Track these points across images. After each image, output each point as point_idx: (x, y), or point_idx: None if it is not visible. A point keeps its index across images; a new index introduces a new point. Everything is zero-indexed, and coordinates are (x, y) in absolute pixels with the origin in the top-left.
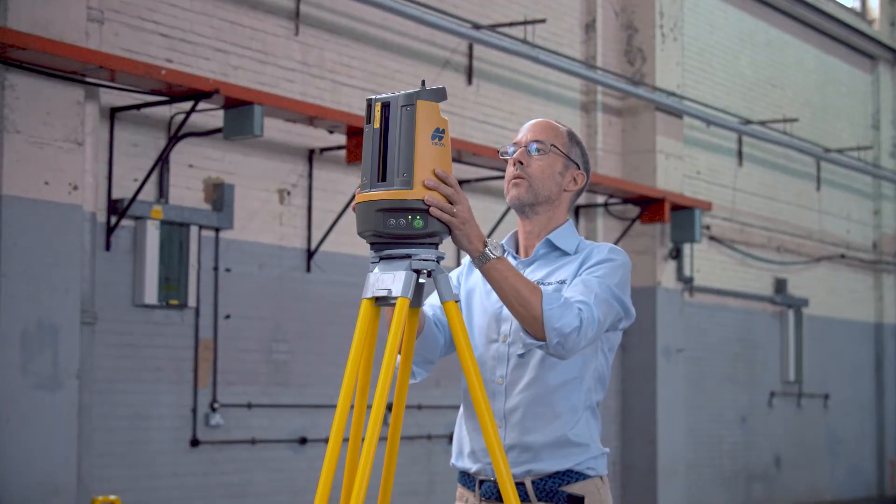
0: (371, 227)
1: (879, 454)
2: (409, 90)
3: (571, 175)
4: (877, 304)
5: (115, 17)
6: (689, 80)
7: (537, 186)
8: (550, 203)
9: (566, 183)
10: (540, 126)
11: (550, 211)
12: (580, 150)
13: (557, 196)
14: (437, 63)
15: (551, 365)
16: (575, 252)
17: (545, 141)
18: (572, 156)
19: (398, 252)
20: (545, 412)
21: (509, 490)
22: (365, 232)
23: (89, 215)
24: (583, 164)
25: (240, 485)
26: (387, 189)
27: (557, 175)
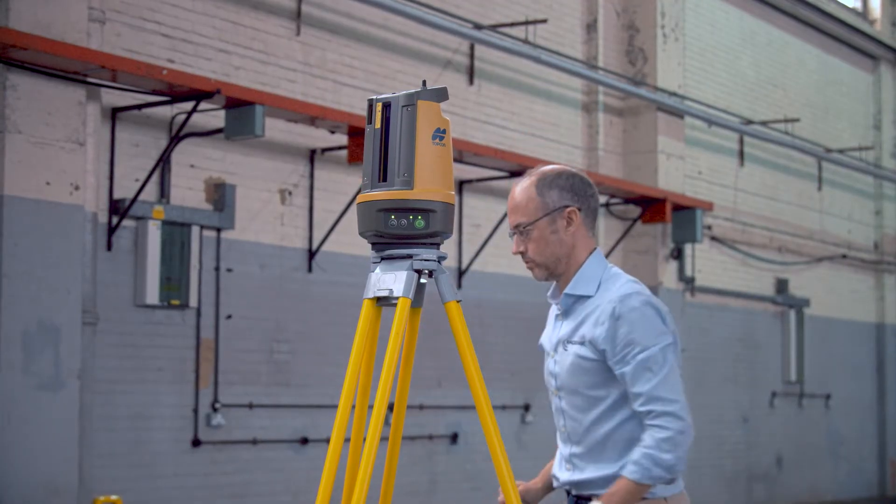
0: (372, 227)
1: (880, 454)
2: (410, 90)
3: (564, 220)
4: (878, 305)
5: (117, 17)
6: (690, 80)
7: (543, 261)
8: (563, 258)
9: (563, 230)
10: (514, 205)
11: (569, 260)
12: (558, 188)
13: (563, 248)
14: (439, 63)
15: (598, 418)
16: (597, 291)
17: (522, 223)
18: (552, 206)
19: (399, 252)
20: (608, 456)
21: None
22: (366, 232)
23: (91, 215)
24: (571, 198)
25: (241, 485)
26: (388, 189)
27: (551, 235)
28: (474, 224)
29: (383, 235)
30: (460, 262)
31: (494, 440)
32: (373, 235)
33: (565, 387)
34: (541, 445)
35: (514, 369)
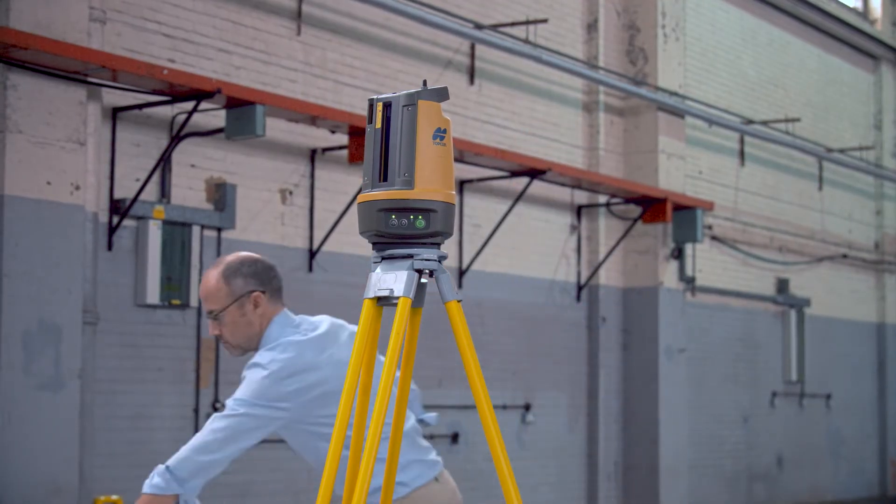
0: (373, 227)
1: (881, 454)
2: (411, 90)
3: (252, 303)
4: (879, 304)
5: (117, 16)
6: (691, 79)
7: (237, 341)
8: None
9: (251, 314)
10: (205, 294)
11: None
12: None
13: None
14: (439, 63)
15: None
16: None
17: (213, 310)
18: (238, 292)
19: (400, 252)
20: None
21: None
22: (367, 232)
23: (91, 215)
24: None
25: (241, 484)
26: (388, 189)
27: (241, 319)
28: (475, 224)
29: (384, 235)
30: (461, 261)
31: (495, 440)
32: (373, 235)
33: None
34: (541, 445)
35: (514, 369)
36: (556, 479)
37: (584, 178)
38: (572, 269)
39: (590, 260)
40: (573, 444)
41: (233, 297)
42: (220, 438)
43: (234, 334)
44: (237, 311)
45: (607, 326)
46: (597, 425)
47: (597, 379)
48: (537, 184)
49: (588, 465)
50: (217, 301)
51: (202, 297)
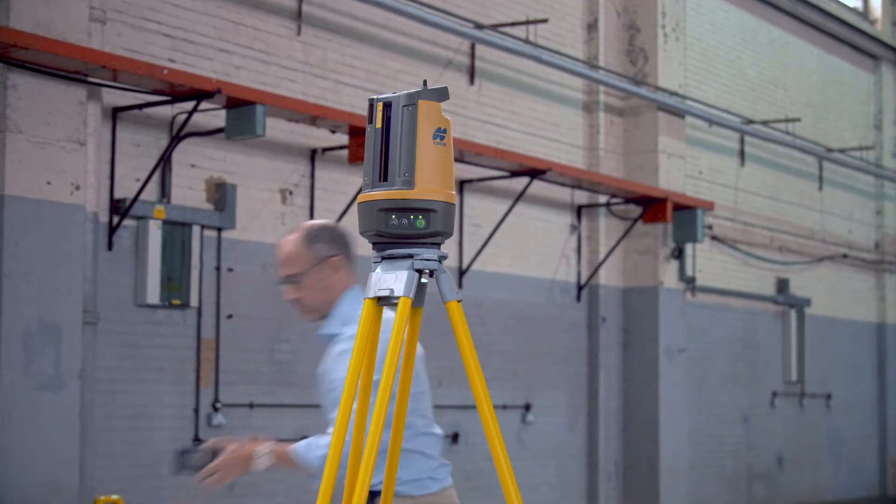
0: (373, 227)
1: (881, 454)
2: (411, 90)
3: (330, 267)
4: (879, 304)
5: (118, 16)
6: (691, 79)
7: (315, 306)
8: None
9: (329, 279)
10: (283, 258)
11: (332, 303)
12: (321, 241)
13: (330, 293)
14: (440, 63)
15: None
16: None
17: (293, 274)
18: (319, 256)
19: (400, 252)
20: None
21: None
22: (367, 232)
23: (91, 215)
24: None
25: (242, 484)
26: (388, 189)
27: (319, 283)
28: (475, 224)
29: (384, 235)
30: (461, 261)
31: (495, 440)
32: (373, 235)
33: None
34: (541, 445)
35: (514, 369)
36: (556, 479)
37: (585, 178)
38: (572, 269)
39: (590, 260)
40: (573, 444)
41: (314, 260)
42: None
43: (313, 298)
44: (317, 274)
45: (607, 326)
46: (597, 425)
47: (597, 379)
48: (537, 184)
49: (588, 465)
50: (297, 264)
51: (281, 261)
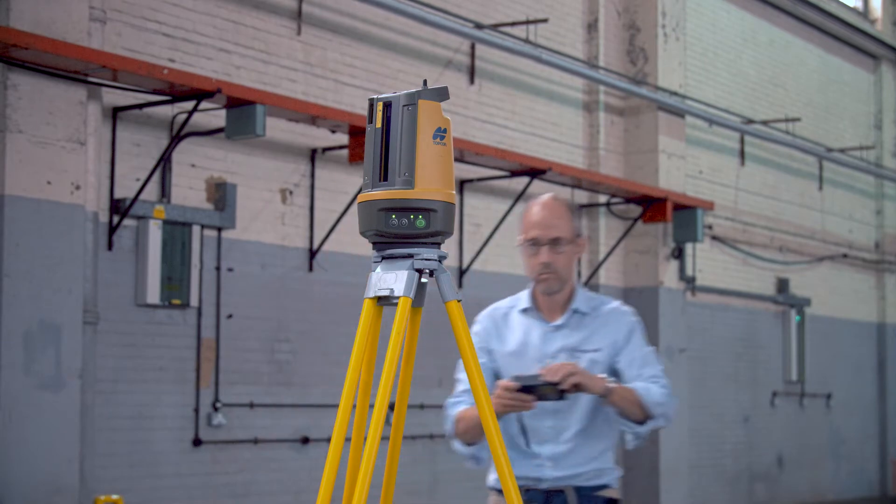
0: (373, 227)
1: (882, 454)
2: (411, 90)
3: (578, 246)
4: (879, 304)
5: (118, 16)
6: (691, 79)
7: (563, 275)
8: (570, 278)
9: (577, 256)
10: (553, 220)
11: (569, 282)
12: (579, 219)
13: (573, 269)
14: (440, 63)
15: (592, 415)
16: (591, 310)
17: (563, 238)
18: (578, 232)
19: (400, 252)
20: (591, 454)
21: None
22: (367, 231)
23: (91, 215)
24: (583, 230)
25: (242, 484)
26: (388, 188)
27: (573, 257)
28: (475, 223)
29: (384, 235)
30: (461, 261)
31: (495, 439)
32: (374, 235)
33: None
34: None
35: None
36: None
37: (585, 177)
38: None
39: (590, 259)
40: None
41: (575, 232)
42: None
43: (565, 268)
44: (573, 247)
45: None
46: None
47: None
48: (537, 183)
49: None
50: (565, 230)
51: (548, 222)
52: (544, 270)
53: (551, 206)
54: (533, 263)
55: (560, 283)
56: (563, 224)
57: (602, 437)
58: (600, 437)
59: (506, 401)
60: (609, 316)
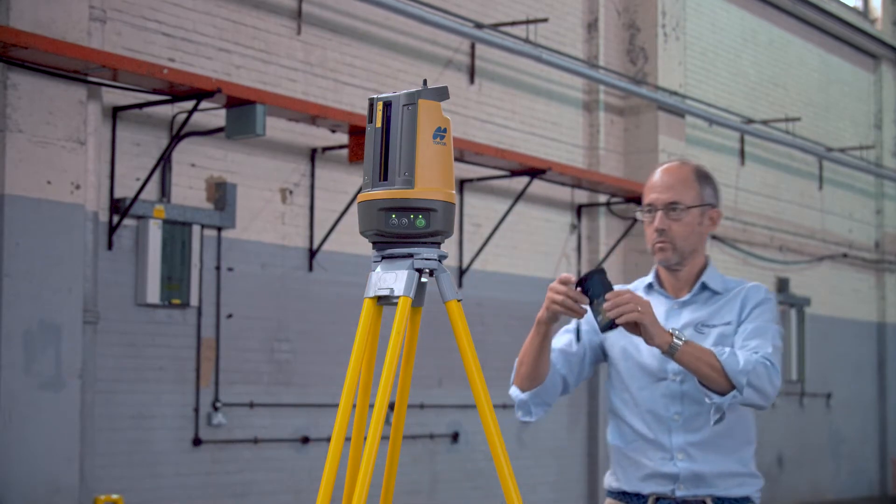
0: (373, 226)
1: (882, 454)
2: (411, 89)
3: (709, 218)
4: (879, 304)
5: (118, 16)
6: (691, 79)
7: (682, 247)
8: (694, 252)
9: (704, 228)
10: (672, 183)
11: (694, 257)
12: (711, 187)
13: (699, 243)
14: (440, 62)
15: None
16: (724, 290)
17: (679, 202)
18: (706, 200)
19: (400, 251)
20: (729, 445)
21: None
22: (367, 231)
23: (91, 215)
24: (717, 200)
25: (242, 484)
26: (388, 188)
27: (697, 227)
28: (475, 223)
29: (384, 234)
30: (461, 261)
31: (495, 439)
32: (373, 234)
33: None
34: (541, 445)
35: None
36: (557, 479)
37: (585, 177)
38: (573, 268)
39: (590, 259)
40: (573, 444)
41: (700, 200)
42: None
43: (685, 238)
44: (697, 216)
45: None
46: (597, 425)
47: (597, 378)
48: (537, 183)
49: (588, 464)
50: (686, 196)
51: (667, 184)
52: (659, 238)
53: (673, 169)
54: (649, 231)
55: (678, 255)
56: (683, 188)
57: (740, 430)
58: (738, 430)
59: (555, 295)
60: (741, 291)
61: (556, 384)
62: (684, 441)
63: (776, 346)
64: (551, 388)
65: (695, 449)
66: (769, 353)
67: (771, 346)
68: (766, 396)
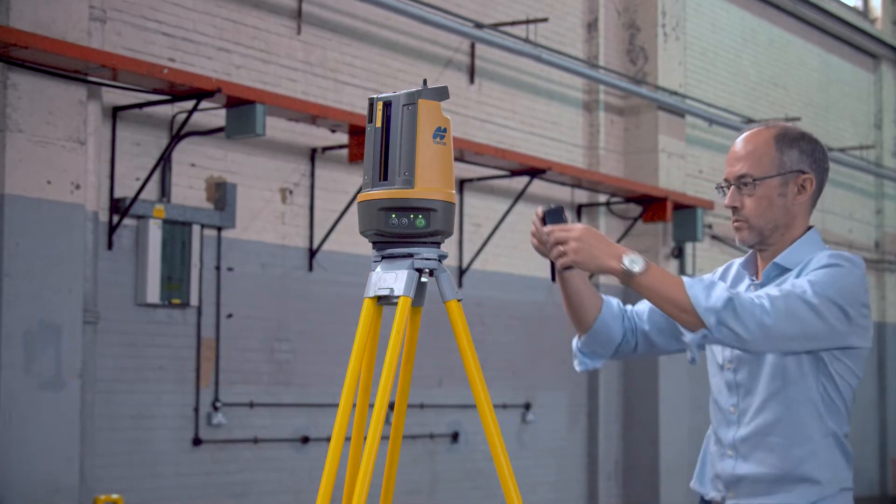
0: (373, 226)
1: (882, 453)
2: (411, 89)
3: (796, 186)
4: (879, 304)
5: (118, 16)
6: (691, 79)
7: (758, 224)
8: (781, 228)
9: (791, 199)
10: (742, 154)
11: (784, 233)
12: (799, 150)
13: (786, 216)
14: (440, 62)
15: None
16: (796, 264)
17: (748, 174)
18: (789, 166)
19: (400, 251)
20: (776, 443)
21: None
22: (367, 231)
23: (91, 214)
24: (809, 164)
25: (242, 484)
26: (388, 188)
27: (777, 199)
28: (475, 223)
29: (384, 234)
30: (461, 261)
31: (495, 439)
32: (373, 234)
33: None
34: (541, 445)
35: (514, 368)
36: (556, 479)
37: (585, 177)
38: None
39: None
40: (573, 444)
41: (781, 168)
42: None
43: (761, 214)
44: (776, 187)
45: None
46: (597, 425)
47: (597, 378)
48: (537, 183)
49: (588, 464)
50: (759, 166)
51: (739, 155)
52: (734, 217)
53: (751, 136)
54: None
55: (755, 234)
56: (754, 157)
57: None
58: (805, 422)
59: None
60: (810, 262)
61: (609, 335)
62: (733, 436)
63: (789, 292)
64: (604, 338)
65: (743, 444)
66: (775, 294)
67: (792, 295)
68: (741, 338)
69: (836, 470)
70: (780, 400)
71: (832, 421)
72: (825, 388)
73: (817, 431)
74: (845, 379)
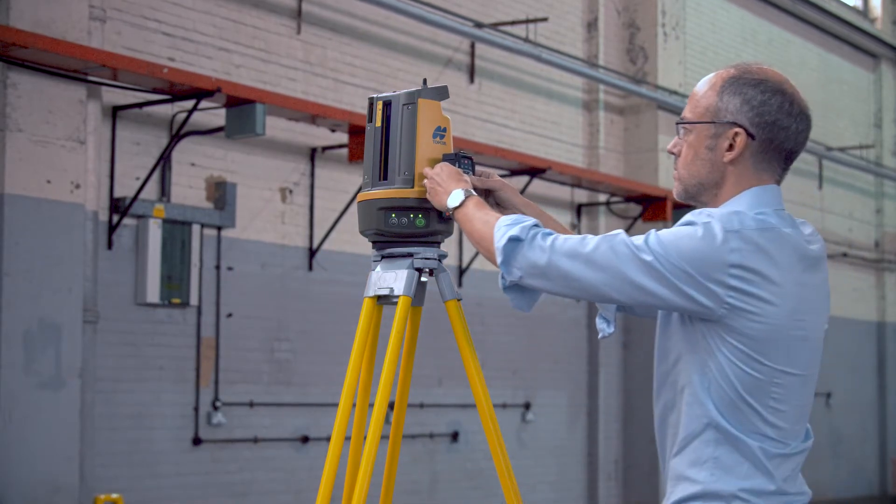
0: (373, 226)
1: (882, 453)
2: (411, 89)
3: (726, 141)
4: (879, 303)
5: (118, 15)
6: (691, 78)
7: (682, 176)
8: (709, 187)
9: (719, 156)
10: (693, 92)
11: (717, 193)
12: (742, 99)
13: (712, 174)
14: (440, 62)
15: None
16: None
17: (683, 117)
18: (722, 115)
19: (400, 251)
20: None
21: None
22: (367, 230)
23: (91, 214)
24: (750, 118)
25: (242, 483)
26: (388, 188)
27: (703, 151)
28: None
29: (384, 234)
30: (461, 260)
31: (495, 439)
32: (373, 234)
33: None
34: (541, 445)
35: (514, 368)
36: (556, 478)
37: (585, 176)
38: None
39: None
40: (573, 444)
41: (714, 115)
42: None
43: (686, 165)
44: (705, 137)
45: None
46: (597, 425)
47: (597, 378)
48: (537, 182)
49: (588, 464)
50: (696, 110)
51: (691, 94)
52: (673, 165)
53: (712, 75)
54: None
55: (681, 188)
56: (696, 98)
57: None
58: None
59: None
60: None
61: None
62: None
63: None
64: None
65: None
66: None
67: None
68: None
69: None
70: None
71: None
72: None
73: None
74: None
